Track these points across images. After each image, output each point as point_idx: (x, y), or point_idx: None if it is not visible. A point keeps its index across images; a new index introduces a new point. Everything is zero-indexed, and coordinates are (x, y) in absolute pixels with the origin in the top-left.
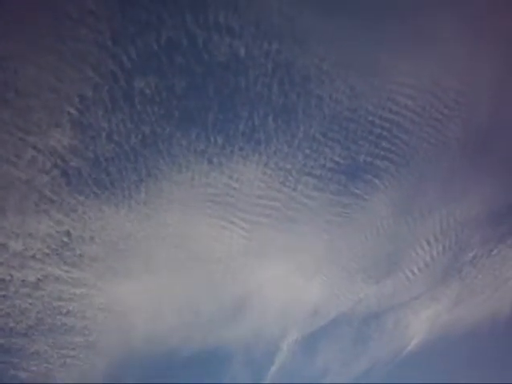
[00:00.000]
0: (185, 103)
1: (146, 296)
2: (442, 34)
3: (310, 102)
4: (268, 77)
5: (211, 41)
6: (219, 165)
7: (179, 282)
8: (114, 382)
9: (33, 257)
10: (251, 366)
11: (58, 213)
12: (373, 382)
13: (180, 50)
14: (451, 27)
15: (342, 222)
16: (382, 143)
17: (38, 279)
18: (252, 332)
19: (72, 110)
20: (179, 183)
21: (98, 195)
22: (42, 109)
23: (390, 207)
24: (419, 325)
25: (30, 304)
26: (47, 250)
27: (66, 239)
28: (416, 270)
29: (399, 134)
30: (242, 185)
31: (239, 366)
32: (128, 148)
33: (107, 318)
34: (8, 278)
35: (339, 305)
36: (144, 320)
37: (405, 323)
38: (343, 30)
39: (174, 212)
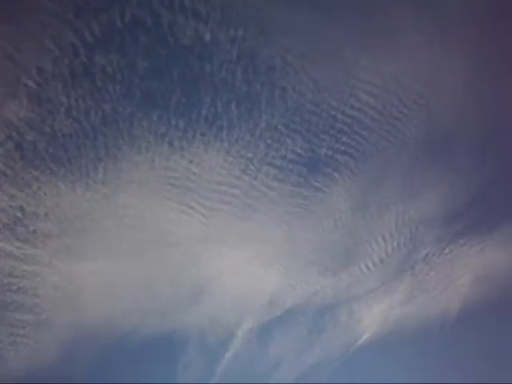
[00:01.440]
0: (147, 84)
1: (101, 276)
2: (405, 34)
3: (273, 93)
4: (232, 64)
5: (176, 23)
6: (180, 149)
7: (136, 263)
8: (66, 362)
9: None
10: (206, 352)
11: (11, 187)
12: (325, 372)
13: (144, 30)
14: (416, 28)
15: (301, 214)
16: (342, 138)
17: None
18: (208, 318)
19: (29, 82)
20: (139, 164)
21: (54, 171)
22: None
23: (348, 201)
24: (372, 318)
25: None
26: None
27: (19, 214)
28: (371, 265)
29: (360, 130)
30: (202, 170)
31: (194, 351)
32: (87, 125)
33: (60, 296)
34: None
35: (295, 295)
36: (98, 301)
37: (358, 316)
38: (309, 22)
39: (132, 193)
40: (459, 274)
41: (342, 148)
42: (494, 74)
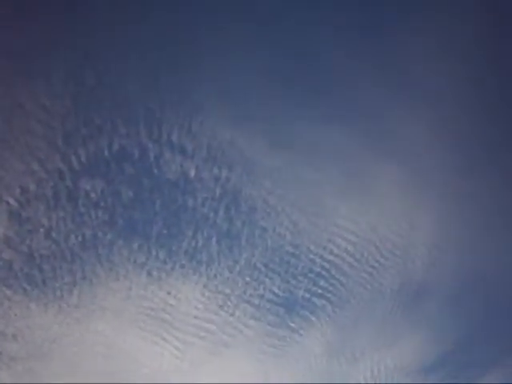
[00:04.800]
0: (130, 213)
1: None
2: (382, 186)
3: (254, 232)
4: (215, 201)
5: (162, 157)
6: (158, 279)
7: None
8: None
9: None
10: None
11: None
12: None
13: (130, 160)
14: (393, 180)
15: (276, 354)
16: (320, 282)
17: None
18: None
19: (11, 201)
20: (115, 291)
21: (27, 292)
22: None
23: (324, 346)
24: None
25: None
26: None
27: None
28: None
29: (338, 275)
30: (179, 302)
31: None
32: (66, 248)
33: None
34: None
35: None
36: None
37: None
38: (291, 167)
39: (105, 320)
40: None
41: (320, 291)
42: (471, 228)
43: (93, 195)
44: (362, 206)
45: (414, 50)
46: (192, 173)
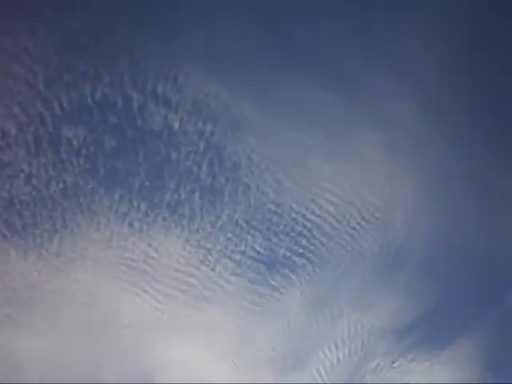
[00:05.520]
0: (112, 162)
1: (44, 352)
2: (366, 150)
3: (237, 188)
4: (199, 155)
5: (146, 107)
6: (140, 231)
7: (82, 342)
8: None
9: None
10: None
11: None
12: None
13: (114, 110)
14: (376, 146)
15: (256, 311)
16: (302, 241)
17: None
18: None
19: None
20: (95, 241)
21: (6, 238)
22: None
23: (303, 304)
24: None
25: None
26: None
27: None
28: (322, 370)
29: (319, 235)
30: (160, 255)
31: None
32: (46, 195)
33: None
34: None
35: None
36: (39, 379)
37: None
38: (277, 126)
39: (85, 269)
40: None
41: (301, 251)
42: (452, 195)
43: (75, 142)
44: (346, 169)
45: (401, 20)
46: (176, 125)
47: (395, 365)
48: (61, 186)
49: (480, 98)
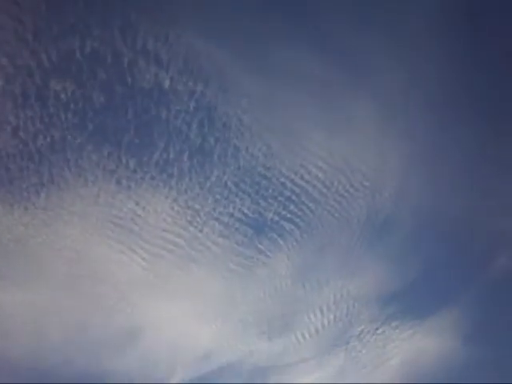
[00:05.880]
0: (101, 118)
1: (30, 307)
2: (358, 119)
3: (226, 150)
4: (189, 115)
5: (136, 64)
6: (127, 188)
7: (68, 298)
8: None
9: None
10: None
11: None
12: None
13: (103, 65)
14: (367, 115)
15: (242, 273)
16: (290, 206)
17: None
18: (138, 365)
19: None
20: (82, 197)
21: None
22: None
23: (290, 269)
24: None
25: None
26: None
27: None
28: (307, 335)
29: (307, 201)
30: (147, 214)
31: None
32: (33, 148)
33: None
34: None
35: (229, 354)
36: (24, 332)
37: None
38: (269, 89)
39: (73, 225)
40: (390, 356)
41: (289, 216)
42: (440, 164)
43: (63, 96)
44: (336, 136)
45: None
46: (166, 84)
47: (379, 331)
48: (48, 140)
49: (472, 65)
